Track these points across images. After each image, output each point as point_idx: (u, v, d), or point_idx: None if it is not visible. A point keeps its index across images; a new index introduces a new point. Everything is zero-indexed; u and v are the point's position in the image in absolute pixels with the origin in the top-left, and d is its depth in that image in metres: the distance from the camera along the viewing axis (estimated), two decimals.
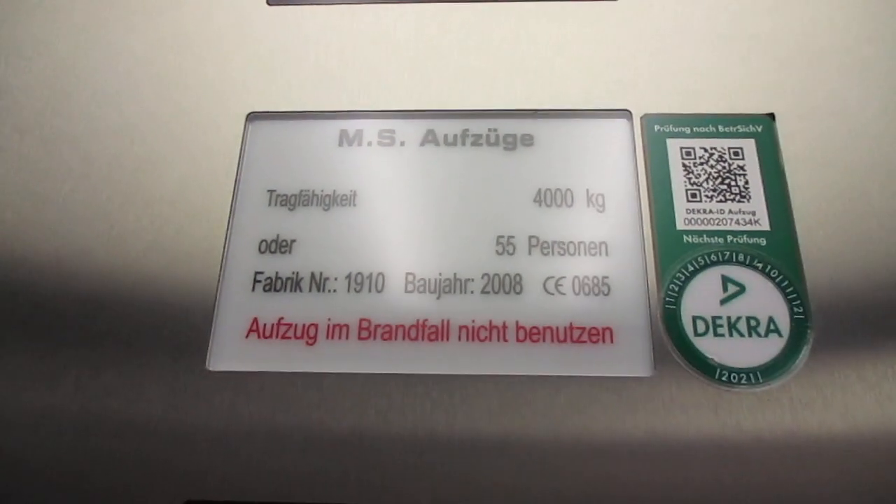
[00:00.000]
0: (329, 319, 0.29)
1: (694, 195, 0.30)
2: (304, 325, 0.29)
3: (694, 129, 0.31)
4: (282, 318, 0.29)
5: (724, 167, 0.31)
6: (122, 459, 0.27)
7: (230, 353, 0.28)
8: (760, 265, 0.29)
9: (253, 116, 0.33)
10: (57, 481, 0.27)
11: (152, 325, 0.29)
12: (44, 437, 0.27)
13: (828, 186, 0.30)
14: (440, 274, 0.29)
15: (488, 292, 0.29)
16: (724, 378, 0.27)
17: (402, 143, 0.32)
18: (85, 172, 0.32)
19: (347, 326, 0.28)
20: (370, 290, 0.29)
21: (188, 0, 0.35)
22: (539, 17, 0.34)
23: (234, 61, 0.34)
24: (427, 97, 0.33)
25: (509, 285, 0.29)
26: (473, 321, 0.28)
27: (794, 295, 0.28)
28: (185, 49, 0.34)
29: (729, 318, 0.28)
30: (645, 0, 0.35)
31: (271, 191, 0.31)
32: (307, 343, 0.28)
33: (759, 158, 0.31)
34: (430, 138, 0.32)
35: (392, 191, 0.31)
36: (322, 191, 0.31)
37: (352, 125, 0.32)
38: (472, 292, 0.29)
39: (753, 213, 0.30)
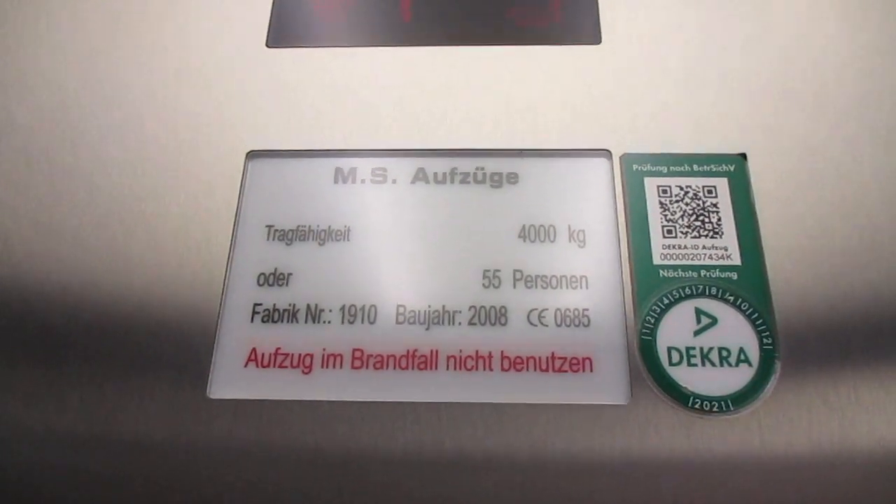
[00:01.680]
0: (324, 349, 0.30)
1: (670, 231, 0.32)
2: (300, 355, 0.30)
3: (670, 167, 0.33)
4: (279, 348, 0.30)
5: (698, 205, 0.32)
6: (125, 481, 0.28)
7: (230, 381, 0.30)
8: (732, 298, 0.30)
9: (253, 154, 0.34)
10: (59, 502, 0.28)
11: (155, 354, 0.30)
12: (48, 458, 0.29)
13: (796, 222, 0.32)
14: (429, 306, 0.31)
15: (475, 323, 0.31)
16: (696, 405, 0.29)
17: (394, 181, 0.34)
18: (91, 204, 0.33)
19: (341, 356, 0.30)
20: (363, 322, 0.31)
21: (192, 40, 0.37)
22: (524, 59, 0.36)
23: (235, 100, 0.35)
24: (417, 136, 0.34)
25: (495, 317, 0.31)
26: (461, 351, 0.30)
27: (764, 327, 0.30)
28: (189, 88, 0.36)
29: (702, 348, 0.30)
30: (624, 44, 0.36)
31: (270, 226, 0.33)
32: (303, 372, 0.30)
33: (732, 196, 0.33)
34: (420, 176, 0.34)
35: (384, 226, 0.32)
36: (318, 226, 0.33)
37: (346, 163, 0.34)
38: (459, 323, 0.31)
39: (726, 249, 0.32)
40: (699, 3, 0.37)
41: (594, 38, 0.36)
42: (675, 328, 0.30)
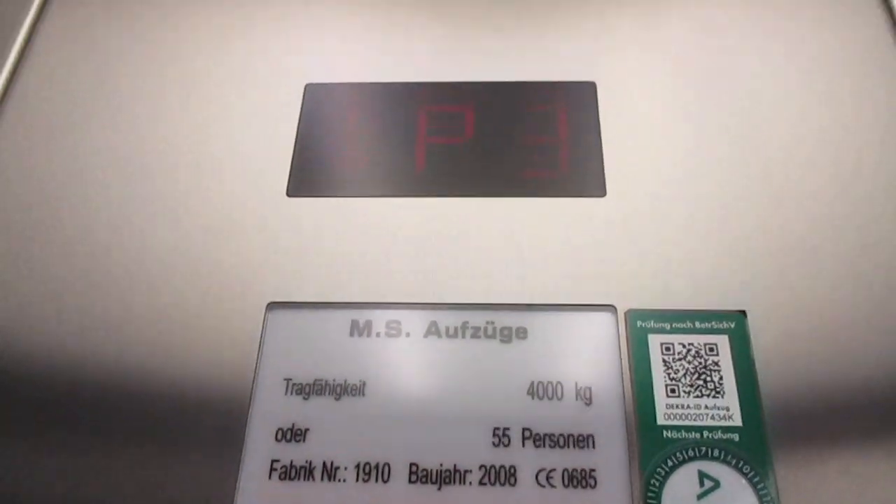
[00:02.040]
0: None
1: (673, 390, 0.33)
2: None
3: (673, 324, 0.35)
4: None
5: (700, 363, 0.34)
6: None
7: None
8: (734, 461, 0.32)
9: (272, 306, 0.36)
10: None
11: None
12: None
13: (794, 379, 0.33)
14: (441, 465, 0.32)
15: (485, 483, 0.32)
16: None
17: (408, 335, 0.35)
18: (118, 355, 0.35)
19: None
20: (377, 481, 0.32)
21: (216, 193, 0.39)
22: (532, 212, 0.38)
23: (256, 251, 0.37)
24: (430, 290, 0.36)
25: (504, 477, 0.32)
26: None
27: (765, 491, 0.31)
28: (214, 239, 0.38)
29: None
30: (628, 198, 0.38)
31: (288, 379, 0.34)
32: None
33: (732, 354, 0.34)
34: (433, 330, 0.35)
35: (398, 381, 0.34)
36: (334, 380, 0.34)
37: (362, 315, 0.36)
38: (470, 483, 0.32)
39: (727, 409, 0.33)
40: (700, 161, 0.39)
41: (600, 190, 0.38)
42: (679, 492, 0.31)
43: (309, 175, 0.40)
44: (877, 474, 0.31)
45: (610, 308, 0.35)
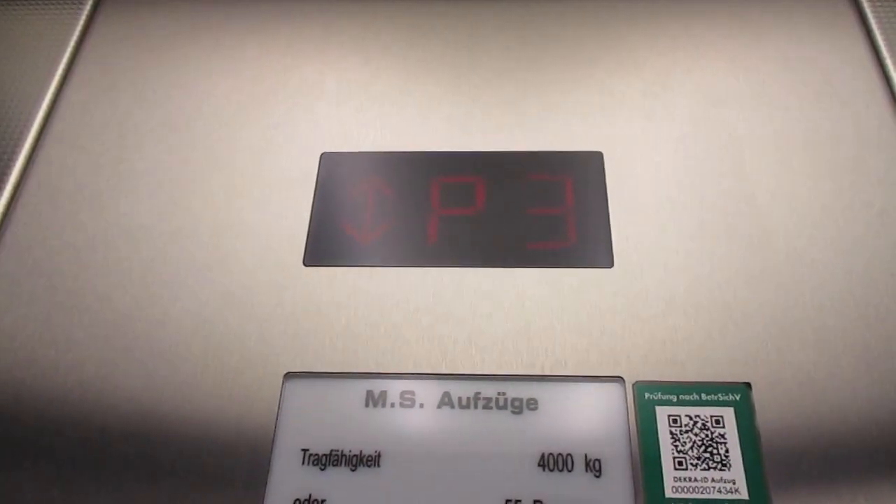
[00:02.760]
0: None
1: (681, 463, 0.34)
2: None
3: (679, 396, 0.36)
4: None
5: (706, 435, 0.35)
6: None
7: None
8: None
9: (290, 375, 0.37)
10: None
11: None
12: None
13: (799, 451, 0.34)
14: None
15: None
16: None
17: (422, 405, 0.36)
18: (140, 426, 0.36)
19: None
20: None
21: (234, 262, 0.40)
22: (541, 282, 0.39)
23: (274, 321, 0.38)
24: (443, 360, 0.37)
25: None
26: None
27: None
28: (233, 308, 0.39)
29: None
30: (634, 269, 0.39)
31: (305, 450, 0.35)
32: None
33: (738, 426, 0.35)
34: (446, 400, 0.36)
35: (412, 453, 0.35)
36: (350, 451, 0.35)
37: (377, 385, 0.37)
38: None
39: (734, 482, 0.34)
40: (705, 232, 0.40)
41: (607, 262, 0.39)
42: None
43: (325, 244, 0.41)
44: None
45: (618, 380, 0.36)
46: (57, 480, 0.34)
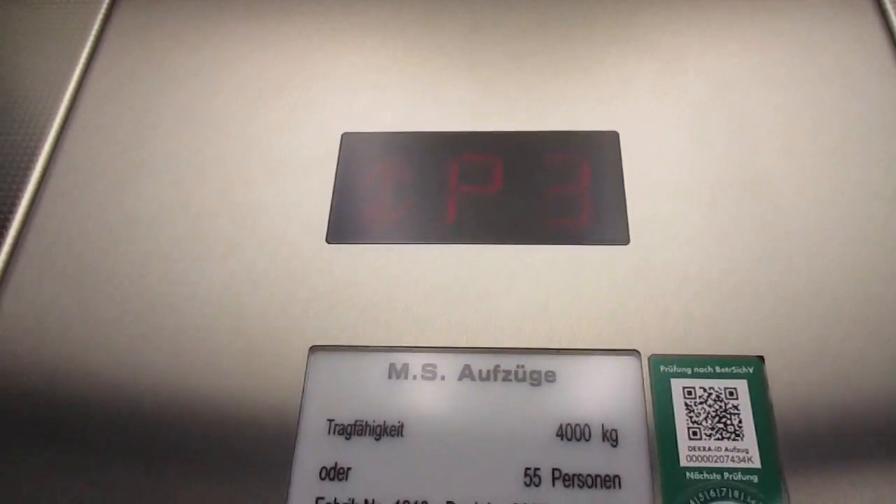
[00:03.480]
0: None
1: (695, 433, 0.35)
2: None
3: (694, 369, 0.37)
4: None
5: (720, 406, 0.36)
6: None
7: None
8: (753, 501, 0.33)
9: (315, 349, 0.38)
10: None
11: None
12: None
13: (810, 422, 0.35)
14: (476, 503, 0.34)
15: None
16: None
17: (443, 378, 0.37)
18: (170, 399, 0.37)
19: None
20: None
21: (259, 242, 0.41)
22: (558, 259, 0.40)
23: (299, 296, 0.39)
24: (464, 335, 0.38)
25: None
26: None
27: None
28: (258, 286, 0.40)
29: None
30: (649, 246, 0.40)
31: (330, 420, 0.36)
32: None
33: (751, 398, 0.36)
34: (466, 373, 0.37)
35: (434, 423, 0.36)
36: (374, 421, 0.36)
37: (399, 359, 0.38)
38: None
39: (747, 451, 0.35)
40: (718, 209, 0.41)
41: (623, 239, 0.40)
42: None
43: (347, 223, 0.42)
44: None
45: (634, 353, 0.37)
46: (90, 455, 0.36)
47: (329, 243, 0.41)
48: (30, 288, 0.41)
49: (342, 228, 0.42)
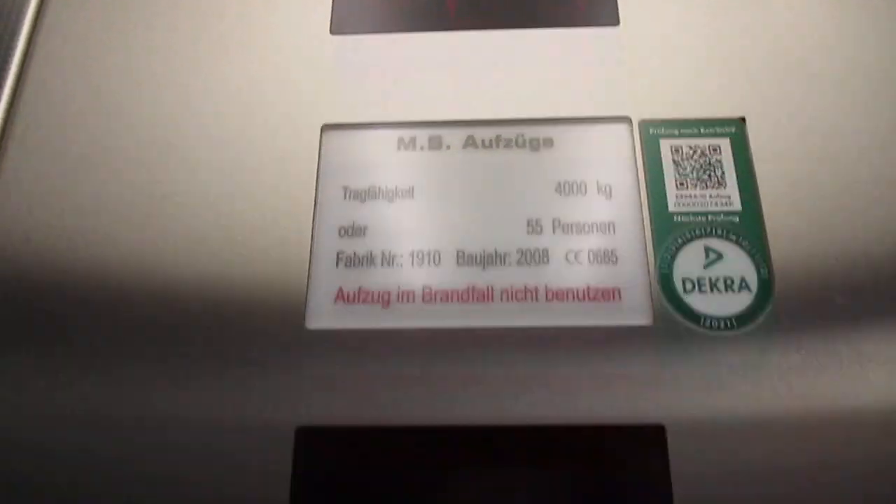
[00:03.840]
0: (398, 287, 0.37)
1: (682, 184, 0.38)
2: (379, 293, 0.37)
3: (681, 130, 0.40)
4: (361, 287, 0.37)
5: (705, 161, 0.39)
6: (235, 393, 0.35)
7: (323, 315, 0.36)
8: (734, 237, 0.37)
9: (326, 127, 0.40)
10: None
11: (260, 297, 0.37)
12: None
13: (788, 175, 0.39)
14: (484, 250, 0.37)
15: (522, 263, 0.37)
16: (707, 324, 0.35)
17: (448, 147, 0.40)
18: (189, 180, 0.40)
19: (413, 292, 0.37)
20: (429, 264, 0.37)
21: (267, 36, 0.43)
22: (555, 40, 0.42)
23: (308, 82, 0.42)
24: (467, 109, 0.41)
25: (538, 258, 0.37)
26: (511, 286, 0.37)
27: (761, 260, 0.36)
28: (265, 75, 0.42)
29: (710, 278, 0.36)
30: (639, 25, 0.42)
31: (345, 187, 0.39)
32: (382, 306, 0.36)
33: (733, 153, 0.39)
34: (470, 142, 0.40)
35: (442, 186, 0.39)
36: (386, 187, 0.39)
37: (407, 133, 0.40)
38: (509, 264, 0.37)
39: (728, 197, 0.38)
40: None
41: (614, 20, 0.43)
42: (688, 263, 0.36)
43: (349, 15, 0.44)
44: (862, 254, 0.37)
45: (626, 119, 0.40)
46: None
47: (333, 34, 0.43)
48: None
49: (345, 20, 0.44)
